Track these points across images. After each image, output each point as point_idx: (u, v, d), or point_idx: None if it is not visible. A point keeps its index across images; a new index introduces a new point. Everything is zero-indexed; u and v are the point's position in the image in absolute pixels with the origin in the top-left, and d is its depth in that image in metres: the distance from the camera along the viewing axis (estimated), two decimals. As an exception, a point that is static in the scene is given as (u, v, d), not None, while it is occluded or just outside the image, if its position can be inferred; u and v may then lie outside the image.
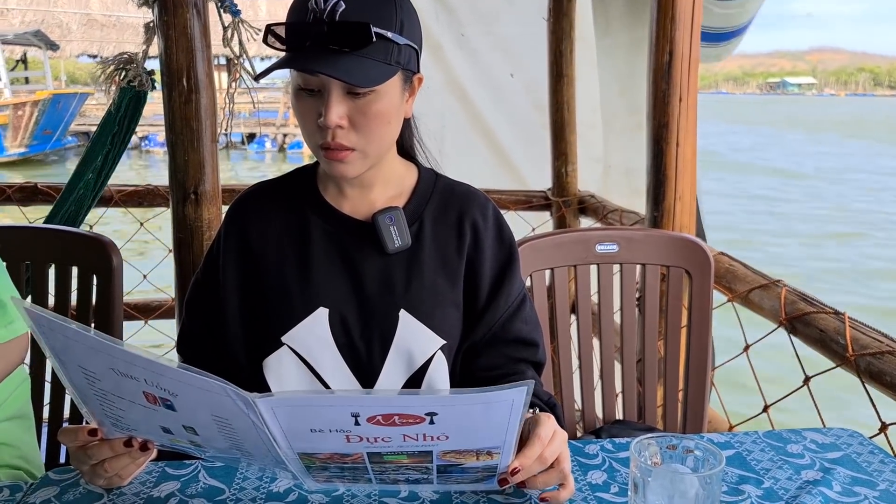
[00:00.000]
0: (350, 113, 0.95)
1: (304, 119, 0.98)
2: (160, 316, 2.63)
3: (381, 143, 1.00)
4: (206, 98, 1.73)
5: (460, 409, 0.73)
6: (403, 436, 0.74)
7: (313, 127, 0.97)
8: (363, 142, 0.97)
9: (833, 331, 1.35)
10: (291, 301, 1.04)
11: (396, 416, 0.72)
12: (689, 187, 1.86)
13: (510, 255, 1.11)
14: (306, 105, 0.97)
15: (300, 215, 1.08)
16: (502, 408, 0.73)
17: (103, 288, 1.39)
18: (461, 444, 0.77)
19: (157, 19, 1.70)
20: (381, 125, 0.98)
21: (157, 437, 0.84)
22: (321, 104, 0.95)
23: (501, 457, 0.80)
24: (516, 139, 3.21)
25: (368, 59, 0.93)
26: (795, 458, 1.00)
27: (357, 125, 0.96)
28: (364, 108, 0.96)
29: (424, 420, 0.72)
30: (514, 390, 0.71)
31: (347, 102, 0.95)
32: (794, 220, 13.10)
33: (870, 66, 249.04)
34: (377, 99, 0.96)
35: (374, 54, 0.94)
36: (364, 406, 0.71)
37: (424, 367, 1.05)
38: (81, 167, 1.96)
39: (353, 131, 0.96)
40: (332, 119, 0.94)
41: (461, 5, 3.07)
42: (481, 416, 0.75)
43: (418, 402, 0.72)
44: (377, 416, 0.72)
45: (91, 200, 1.97)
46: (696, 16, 1.78)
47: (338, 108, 0.94)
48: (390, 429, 0.73)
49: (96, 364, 0.74)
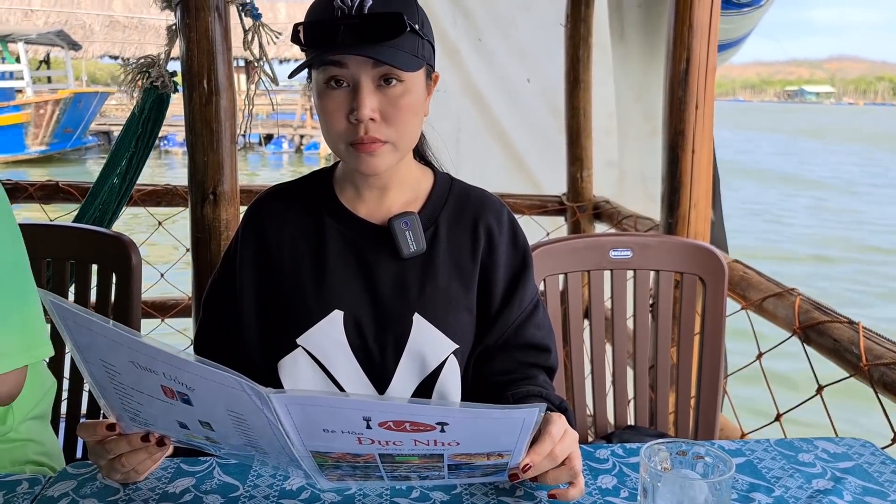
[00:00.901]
0: (381, 106, 0.96)
1: (333, 116, 0.97)
2: (177, 314, 2.65)
3: (410, 137, 1.01)
4: (225, 100, 1.75)
5: (472, 422, 0.74)
6: (414, 440, 0.75)
7: (343, 124, 0.97)
8: (395, 134, 0.98)
9: (847, 340, 1.35)
10: (307, 303, 1.06)
11: (408, 422, 0.73)
12: (704, 194, 1.86)
13: (524, 260, 1.12)
14: (336, 101, 0.97)
15: (317, 218, 1.09)
16: (513, 425, 0.75)
17: (122, 286, 1.42)
18: (471, 449, 0.78)
19: (179, 22, 1.72)
20: (411, 117, 0.99)
21: (174, 433, 0.85)
22: (351, 99, 0.96)
23: (512, 457, 0.81)
24: (532, 144, 3.21)
25: (400, 50, 0.95)
26: (807, 466, 0.99)
27: (388, 118, 0.97)
28: (395, 100, 0.97)
29: (435, 428, 0.73)
30: (525, 410, 0.72)
31: (378, 95, 0.96)
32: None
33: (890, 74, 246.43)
34: (406, 91, 0.98)
35: (404, 45, 0.95)
36: (376, 411, 0.72)
37: (437, 371, 1.06)
38: (106, 170, 1.97)
39: (384, 124, 0.97)
40: (365, 112, 0.95)
41: (479, 10, 3.08)
42: (492, 430, 0.76)
43: (430, 411, 0.73)
44: (388, 421, 0.73)
45: (117, 203, 1.98)
46: (714, 24, 1.78)
47: (370, 100, 0.95)
48: (401, 434, 0.74)
49: (117, 358, 0.76)
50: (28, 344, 1.03)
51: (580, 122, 2.77)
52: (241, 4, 1.73)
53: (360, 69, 0.95)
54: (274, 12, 21.59)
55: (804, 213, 14.46)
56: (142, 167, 1.97)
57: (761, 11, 2.73)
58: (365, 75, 0.95)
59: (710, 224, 1.90)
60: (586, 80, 2.73)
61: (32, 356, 1.05)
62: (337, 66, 0.95)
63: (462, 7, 3.07)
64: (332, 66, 0.96)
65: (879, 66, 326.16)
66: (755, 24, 2.85)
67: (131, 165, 1.93)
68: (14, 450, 1.13)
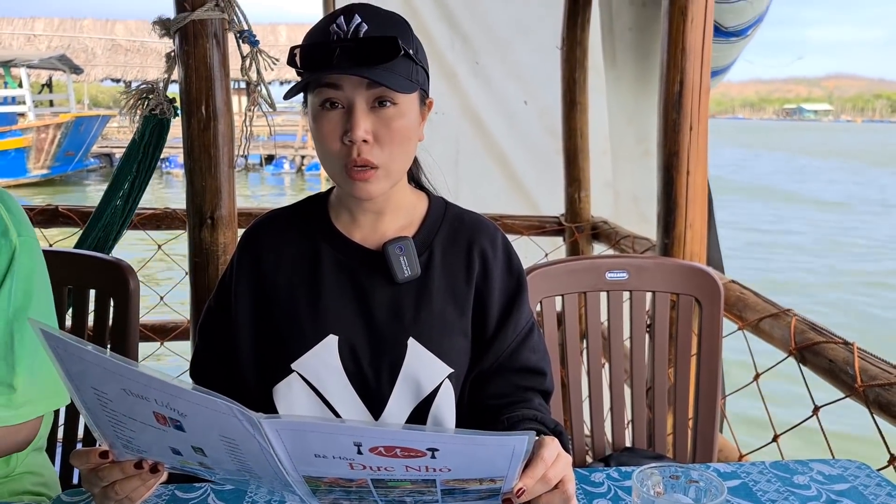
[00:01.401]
0: (375, 128, 0.98)
1: (328, 138, 0.99)
2: (176, 337, 2.66)
3: (402, 161, 1.02)
4: (223, 125, 1.77)
5: (462, 448, 0.74)
6: (406, 466, 0.75)
7: (336, 146, 0.99)
8: (387, 158, 0.99)
9: (842, 361, 1.35)
10: (302, 328, 1.06)
11: (398, 448, 0.73)
12: (699, 215, 1.87)
13: (518, 284, 1.13)
14: (331, 123, 0.98)
15: (312, 244, 1.10)
16: (503, 452, 0.74)
17: (120, 311, 1.42)
18: (463, 475, 0.78)
19: (177, 49, 1.74)
20: (404, 141, 1.00)
21: (168, 459, 0.85)
22: (345, 121, 0.97)
23: (505, 482, 0.81)
24: (530, 165, 3.23)
25: (394, 73, 0.96)
26: (802, 489, 0.99)
27: (381, 141, 0.98)
28: (388, 122, 0.98)
29: (426, 454, 0.73)
30: (515, 438, 0.72)
31: (372, 117, 0.98)
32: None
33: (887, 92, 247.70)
34: (400, 114, 0.99)
35: (398, 68, 0.97)
36: (366, 436, 0.73)
37: (432, 395, 1.06)
38: (109, 194, 1.98)
39: (377, 147, 0.98)
40: (359, 133, 0.96)
41: (476, 34, 3.11)
42: (483, 456, 0.76)
43: (420, 437, 0.73)
44: (379, 447, 0.73)
45: (119, 227, 1.99)
46: (707, 47, 1.80)
47: (364, 121, 0.97)
48: (392, 459, 0.74)
49: (109, 385, 0.76)
50: (50, 391, 1.05)
51: (577, 143, 2.79)
52: (239, 32, 1.75)
53: (354, 91, 0.97)
54: (275, 35, 21.82)
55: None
56: (143, 191, 1.98)
57: (746, 41, 2.78)
58: (359, 97, 0.97)
59: (706, 244, 1.91)
60: (583, 102, 2.75)
61: (54, 403, 1.07)
62: (332, 89, 0.97)
63: (460, 31, 3.10)
64: (327, 89, 0.97)
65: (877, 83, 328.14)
66: (738, 54, 2.90)
67: (133, 189, 1.94)
68: (13, 482, 1.14)
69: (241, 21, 1.76)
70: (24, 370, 1.01)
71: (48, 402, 1.05)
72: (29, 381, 1.01)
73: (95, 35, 23.21)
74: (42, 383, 1.03)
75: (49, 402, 1.05)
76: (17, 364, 1.00)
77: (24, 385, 1.01)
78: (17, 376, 1.00)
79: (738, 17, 2.53)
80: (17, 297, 1.03)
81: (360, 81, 0.96)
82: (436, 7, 3.06)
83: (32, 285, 1.05)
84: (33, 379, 1.02)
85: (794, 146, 46.83)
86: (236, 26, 1.75)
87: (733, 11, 2.48)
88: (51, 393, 1.04)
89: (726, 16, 2.48)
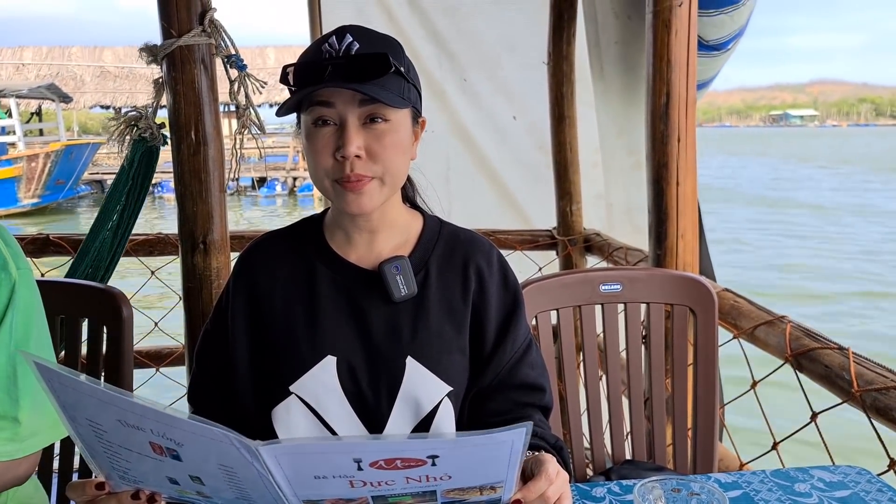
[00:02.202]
0: (367, 143, 0.98)
1: (320, 155, 0.99)
2: (171, 363, 2.64)
3: (396, 173, 1.02)
4: (213, 150, 1.77)
5: (461, 451, 0.74)
6: (406, 478, 0.75)
7: (329, 162, 0.99)
8: (381, 170, 1.00)
9: (838, 366, 1.35)
10: (299, 350, 1.06)
11: (398, 459, 0.73)
12: (690, 225, 1.88)
13: (515, 300, 1.13)
14: (323, 139, 0.99)
15: (307, 265, 1.10)
16: (502, 448, 0.74)
17: (113, 339, 1.41)
18: (463, 482, 0.78)
19: (165, 75, 1.75)
20: (397, 155, 1.01)
21: (165, 489, 0.84)
22: (337, 138, 0.98)
23: (504, 490, 0.81)
24: (521, 180, 3.24)
25: (385, 89, 0.97)
26: (803, 497, 0.99)
27: (374, 155, 0.99)
28: (381, 137, 0.99)
29: (426, 462, 0.73)
30: (513, 431, 0.72)
31: (364, 133, 0.98)
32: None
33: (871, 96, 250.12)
34: (392, 129, 1.00)
35: (389, 85, 0.98)
36: (366, 451, 0.72)
37: (432, 414, 1.06)
38: (98, 224, 1.96)
39: (370, 161, 0.99)
40: (351, 149, 0.96)
41: (463, 51, 3.13)
42: (482, 457, 0.76)
43: (419, 445, 0.73)
44: (379, 460, 0.73)
45: (110, 258, 1.96)
46: (691, 59, 1.81)
47: (357, 137, 0.97)
48: (393, 472, 0.74)
49: (104, 417, 0.75)
50: (53, 422, 1.04)
51: (567, 156, 2.80)
52: (226, 56, 1.76)
53: (346, 108, 0.98)
54: (263, 57, 21.89)
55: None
56: (134, 220, 1.96)
57: (727, 55, 2.81)
58: (351, 114, 0.98)
59: (698, 254, 1.91)
60: (571, 115, 2.77)
61: (58, 434, 1.06)
62: (324, 107, 0.98)
63: (446, 49, 3.12)
64: (319, 107, 0.98)
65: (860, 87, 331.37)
66: (719, 68, 2.94)
67: (122, 219, 1.93)
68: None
69: (227, 46, 1.76)
70: (28, 403, 1.00)
71: (51, 433, 1.04)
72: (33, 413, 1.01)
73: (84, 62, 23.24)
74: (45, 415, 1.02)
75: (52, 434, 1.05)
76: (21, 398, 1.00)
77: (29, 418, 1.00)
78: (22, 409, 1.00)
79: (719, 31, 2.55)
80: (18, 331, 1.02)
81: (351, 98, 0.97)
82: (421, 25, 3.08)
83: (32, 318, 1.05)
84: (37, 411, 1.01)
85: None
86: (223, 51, 1.76)
87: (714, 25, 2.51)
88: (54, 424, 1.04)
89: (707, 29, 2.51)
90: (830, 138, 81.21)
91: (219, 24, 1.74)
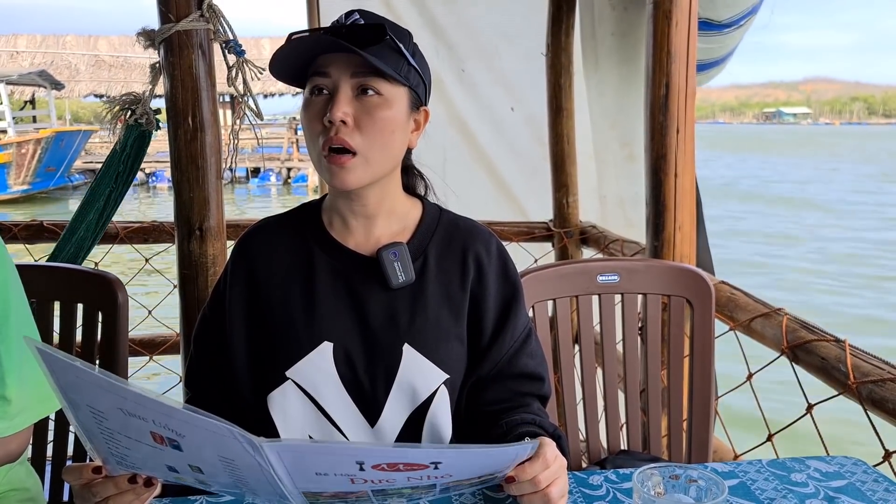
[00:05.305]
0: (357, 114, 0.99)
1: (312, 123, 1.01)
2: (165, 351, 2.63)
3: (382, 152, 1.02)
4: (210, 136, 1.75)
5: (465, 459, 0.75)
6: (408, 478, 0.75)
7: (318, 127, 1.00)
8: (366, 145, 0.99)
9: (834, 358, 1.35)
10: (296, 335, 1.05)
11: (401, 463, 0.73)
12: (688, 217, 1.88)
13: (514, 290, 1.12)
14: (316, 107, 1.00)
15: (305, 250, 1.10)
16: (506, 459, 0.75)
17: (108, 325, 1.40)
18: (464, 477, 0.78)
19: (162, 60, 1.73)
20: (385, 132, 1.01)
21: (162, 475, 0.84)
22: (329, 105, 0.99)
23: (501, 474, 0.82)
24: (518, 171, 3.24)
25: (379, 59, 0.98)
26: (799, 486, 0.99)
27: (361, 126, 0.99)
28: (371, 109, 0.99)
29: (429, 467, 0.73)
30: (518, 447, 0.74)
31: (354, 103, 0.99)
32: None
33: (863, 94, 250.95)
34: (384, 104, 1.00)
35: (386, 58, 0.99)
36: (370, 456, 0.72)
37: (428, 402, 1.05)
38: (84, 207, 1.96)
39: (356, 132, 0.99)
40: (337, 114, 0.97)
41: (461, 41, 3.12)
42: (484, 463, 0.77)
43: (424, 455, 0.73)
44: (382, 463, 0.72)
45: (91, 241, 1.97)
46: (691, 49, 1.81)
47: (345, 103, 0.98)
48: (395, 473, 0.74)
49: (105, 403, 0.75)
50: (41, 396, 1.03)
51: (564, 148, 2.80)
52: (225, 42, 1.74)
53: (340, 76, 0.99)
54: (258, 49, 21.75)
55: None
56: (118, 204, 1.97)
57: (742, 31, 2.78)
58: (344, 83, 0.99)
59: (695, 246, 1.91)
60: (569, 107, 2.76)
61: (46, 409, 1.06)
62: (320, 76, 1.00)
63: (444, 39, 3.11)
64: (315, 77, 1.00)
65: (853, 86, 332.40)
66: (737, 42, 2.91)
67: (108, 202, 1.93)
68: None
69: (226, 31, 1.75)
70: (15, 380, 1.00)
71: (40, 408, 1.03)
72: (21, 390, 1.00)
73: (78, 51, 23.06)
74: (32, 391, 1.02)
75: (41, 409, 1.04)
76: (7, 375, 0.99)
77: (17, 395, 1.00)
78: (9, 387, 0.99)
79: (732, 9, 2.53)
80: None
81: (346, 66, 0.98)
82: (419, 14, 3.07)
83: (9, 294, 1.03)
84: (24, 388, 1.01)
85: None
86: (221, 36, 1.74)
87: (727, 5, 2.49)
88: (42, 399, 1.03)
89: (720, 11, 2.49)
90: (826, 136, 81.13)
91: (217, 10, 1.72)
